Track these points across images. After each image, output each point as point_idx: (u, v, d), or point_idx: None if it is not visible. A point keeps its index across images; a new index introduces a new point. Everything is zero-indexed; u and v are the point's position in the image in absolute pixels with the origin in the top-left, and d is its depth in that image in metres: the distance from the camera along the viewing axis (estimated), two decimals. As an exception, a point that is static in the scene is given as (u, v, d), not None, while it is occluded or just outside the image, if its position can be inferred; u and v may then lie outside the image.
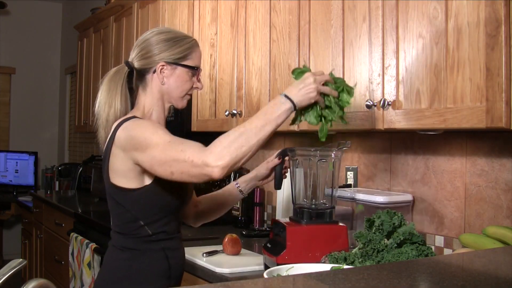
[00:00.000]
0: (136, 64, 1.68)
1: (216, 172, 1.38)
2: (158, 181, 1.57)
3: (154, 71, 1.66)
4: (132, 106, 1.71)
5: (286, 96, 1.50)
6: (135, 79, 1.69)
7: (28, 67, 6.52)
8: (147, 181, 1.58)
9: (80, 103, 4.84)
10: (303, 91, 1.53)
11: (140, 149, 1.51)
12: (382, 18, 1.78)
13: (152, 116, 1.68)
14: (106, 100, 1.65)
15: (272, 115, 1.47)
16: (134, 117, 1.61)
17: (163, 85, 1.66)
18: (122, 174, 1.58)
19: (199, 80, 1.71)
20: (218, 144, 1.41)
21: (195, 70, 1.68)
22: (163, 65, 1.65)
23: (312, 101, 1.55)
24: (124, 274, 1.62)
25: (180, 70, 1.66)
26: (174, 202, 1.64)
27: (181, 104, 1.70)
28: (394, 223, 1.62)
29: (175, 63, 1.65)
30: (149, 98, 1.68)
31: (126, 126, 1.57)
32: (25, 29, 6.47)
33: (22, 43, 6.47)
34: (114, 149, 1.58)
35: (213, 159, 1.38)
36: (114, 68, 1.71)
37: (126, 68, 1.68)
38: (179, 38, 1.67)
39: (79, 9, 6.06)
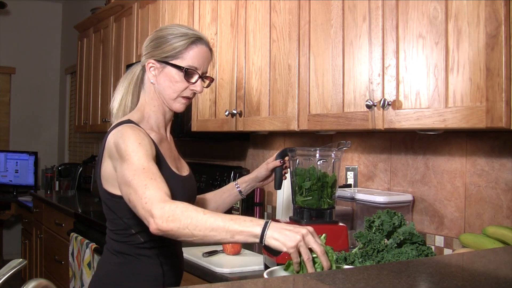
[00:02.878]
0: (141, 62, 1.66)
1: (152, 227, 1.30)
2: None
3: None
4: None
5: (266, 224, 1.26)
6: (142, 77, 1.68)
7: (28, 67, 6.52)
8: None
9: (80, 103, 4.84)
10: (285, 232, 1.25)
11: (119, 160, 1.45)
12: (382, 18, 1.78)
13: (150, 119, 1.63)
14: (118, 97, 1.65)
15: (235, 226, 1.27)
16: (128, 121, 1.56)
17: (153, 85, 1.61)
18: (113, 181, 1.52)
19: (195, 82, 1.59)
20: (174, 207, 1.29)
21: (183, 71, 1.57)
22: (153, 63, 1.59)
23: (284, 249, 1.25)
24: (117, 279, 1.58)
25: (168, 69, 1.58)
26: None
27: (174, 106, 1.61)
28: (394, 223, 1.62)
29: (163, 61, 1.58)
30: (146, 99, 1.64)
31: (116, 132, 1.51)
32: (25, 29, 6.47)
33: (22, 43, 6.47)
34: (105, 153, 1.54)
35: (160, 216, 1.29)
36: (133, 65, 1.70)
37: (140, 66, 1.66)
38: (176, 35, 1.58)
39: (79, 9, 6.06)
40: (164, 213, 1.29)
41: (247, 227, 1.26)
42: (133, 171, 1.39)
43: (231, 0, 2.59)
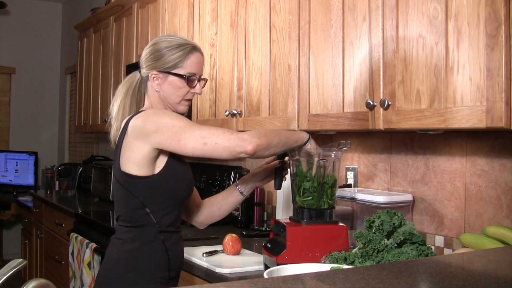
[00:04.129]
0: (142, 72, 1.80)
1: (250, 147, 1.53)
2: (167, 170, 1.67)
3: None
4: None
5: (308, 136, 1.76)
6: (143, 85, 1.82)
7: (28, 67, 6.52)
8: (157, 169, 1.67)
9: (80, 103, 4.84)
10: (316, 147, 1.78)
11: (162, 131, 1.60)
12: (382, 18, 1.78)
13: None
14: (117, 103, 1.79)
15: (295, 135, 1.75)
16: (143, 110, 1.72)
17: (158, 92, 1.77)
18: (134, 162, 1.65)
19: (195, 86, 1.78)
20: (254, 130, 1.64)
21: (185, 78, 1.74)
22: (156, 74, 1.75)
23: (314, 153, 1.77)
24: (126, 265, 1.68)
25: (171, 78, 1.75)
26: (180, 192, 1.73)
27: (179, 109, 1.78)
28: (394, 223, 1.62)
29: (166, 71, 1.74)
30: (152, 103, 1.79)
31: (142, 114, 1.66)
32: (25, 29, 6.47)
33: (22, 43, 6.47)
34: (126, 139, 1.67)
35: (250, 135, 1.56)
36: (131, 73, 1.84)
37: (138, 74, 1.81)
38: (173, 47, 1.74)
39: (79, 9, 6.06)
40: (252, 133, 1.58)
41: (299, 134, 1.76)
42: (190, 125, 1.60)
43: (231, 0, 2.59)
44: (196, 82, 1.78)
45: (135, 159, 1.65)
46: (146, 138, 1.62)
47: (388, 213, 1.65)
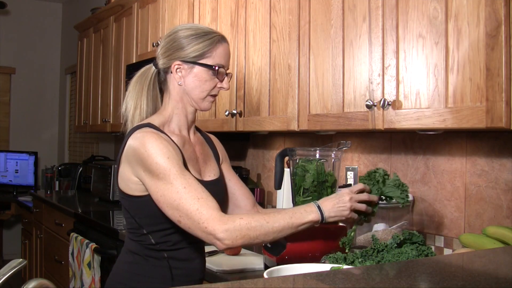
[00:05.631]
0: (159, 63, 1.62)
1: (221, 247, 1.41)
2: None
3: (172, 71, 1.60)
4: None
5: (319, 208, 1.49)
6: (159, 80, 1.64)
7: (28, 67, 6.52)
8: None
9: (80, 103, 4.84)
10: (337, 207, 1.51)
11: (149, 173, 1.46)
12: (382, 18, 1.78)
13: (172, 122, 1.62)
14: (132, 102, 1.62)
15: (298, 220, 1.47)
16: (148, 125, 1.55)
17: (180, 86, 1.59)
18: (127, 181, 1.54)
19: (223, 80, 1.60)
20: (237, 224, 1.39)
21: (214, 69, 1.57)
22: (179, 65, 1.57)
23: (343, 218, 1.53)
24: (126, 278, 1.59)
25: (198, 69, 1.57)
26: None
27: (203, 105, 1.61)
28: (378, 181, 1.60)
29: (192, 61, 1.57)
30: (170, 101, 1.62)
31: (138, 137, 1.50)
32: (25, 29, 6.47)
33: (22, 43, 6.47)
34: (123, 156, 1.54)
35: (225, 236, 1.38)
36: (143, 68, 1.66)
37: (153, 67, 1.63)
38: (199, 35, 1.57)
39: (79, 9, 6.06)
40: (230, 235, 1.38)
41: (307, 217, 1.47)
42: (175, 193, 1.42)
43: (231, 0, 2.59)
44: (224, 75, 1.60)
45: (127, 179, 1.54)
46: (134, 169, 1.50)
47: (369, 177, 1.64)
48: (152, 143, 1.47)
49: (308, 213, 1.48)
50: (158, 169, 1.44)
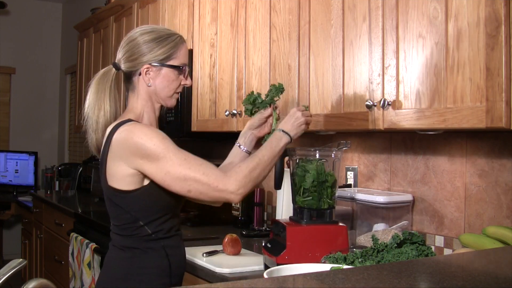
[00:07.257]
0: (123, 66, 1.68)
1: (236, 199, 1.56)
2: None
3: (140, 73, 1.66)
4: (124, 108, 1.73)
5: (284, 131, 1.71)
6: (123, 81, 1.73)
7: (28, 67, 6.52)
8: (145, 181, 1.59)
9: (80, 103, 4.84)
10: (296, 125, 1.74)
11: (147, 159, 1.53)
12: (382, 18, 1.78)
13: (143, 118, 1.69)
14: (95, 103, 1.66)
15: (277, 147, 1.69)
16: (129, 120, 1.61)
17: (150, 87, 1.67)
18: (120, 178, 1.58)
19: (186, 78, 1.72)
20: (240, 172, 1.56)
21: (180, 69, 1.68)
22: (148, 67, 1.65)
23: (303, 132, 1.76)
24: (125, 273, 1.62)
25: (165, 70, 1.67)
26: (172, 201, 1.64)
27: (170, 103, 1.72)
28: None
29: (160, 64, 1.66)
30: (139, 100, 1.69)
31: (125, 130, 1.56)
32: (25, 29, 6.47)
33: (22, 43, 6.47)
34: (111, 153, 1.58)
35: (236, 187, 1.54)
36: (103, 69, 1.71)
37: (114, 69, 1.69)
38: (163, 38, 1.66)
39: (79, 9, 6.06)
40: (240, 183, 1.54)
41: (281, 143, 1.71)
42: (179, 166, 1.52)
43: (231, 0, 2.59)
44: (187, 73, 1.72)
45: (121, 176, 1.58)
46: (129, 160, 1.55)
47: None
48: (142, 130, 1.56)
49: (280, 139, 1.71)
50: (157, 150, 1.52)
